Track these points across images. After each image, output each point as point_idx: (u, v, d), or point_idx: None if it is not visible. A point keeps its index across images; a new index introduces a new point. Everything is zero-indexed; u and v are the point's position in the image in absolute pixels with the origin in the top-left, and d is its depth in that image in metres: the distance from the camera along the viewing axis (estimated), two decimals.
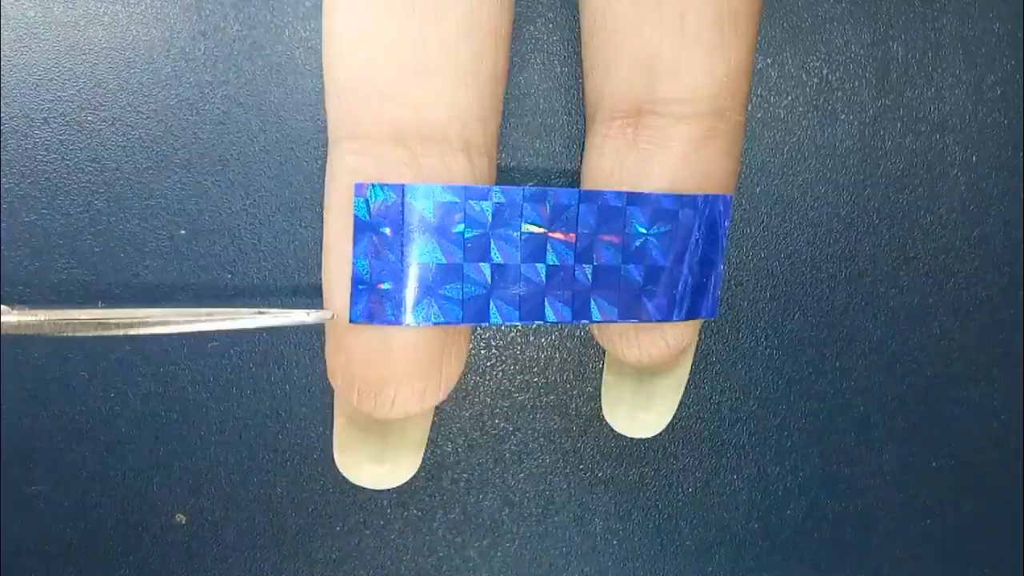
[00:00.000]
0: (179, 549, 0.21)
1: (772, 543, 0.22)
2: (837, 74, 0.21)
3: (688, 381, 0.21)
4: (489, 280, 0.16)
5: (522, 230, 0.16)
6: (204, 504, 0.21)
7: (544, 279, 0.16)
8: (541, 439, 0.21)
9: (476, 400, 0.21)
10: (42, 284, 0.20)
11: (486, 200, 0.16)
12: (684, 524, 0.22)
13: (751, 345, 0.22)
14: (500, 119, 0.18)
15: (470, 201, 0.16)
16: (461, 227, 0.16)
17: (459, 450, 0.21)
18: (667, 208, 0.17)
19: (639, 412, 0.21)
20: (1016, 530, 0.23)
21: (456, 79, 0.16)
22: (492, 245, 0.16)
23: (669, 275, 0.17)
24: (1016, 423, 0.22)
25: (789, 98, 0.21)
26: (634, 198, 0.17)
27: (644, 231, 0.17)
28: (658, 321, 0.17)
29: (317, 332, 0.20)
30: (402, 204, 0.16)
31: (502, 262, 0.16)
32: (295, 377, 0.21)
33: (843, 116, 0.21)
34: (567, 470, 0.22)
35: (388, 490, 0.21)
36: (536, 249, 0.16)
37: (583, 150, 0.19)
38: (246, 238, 0.20)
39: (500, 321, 0.16)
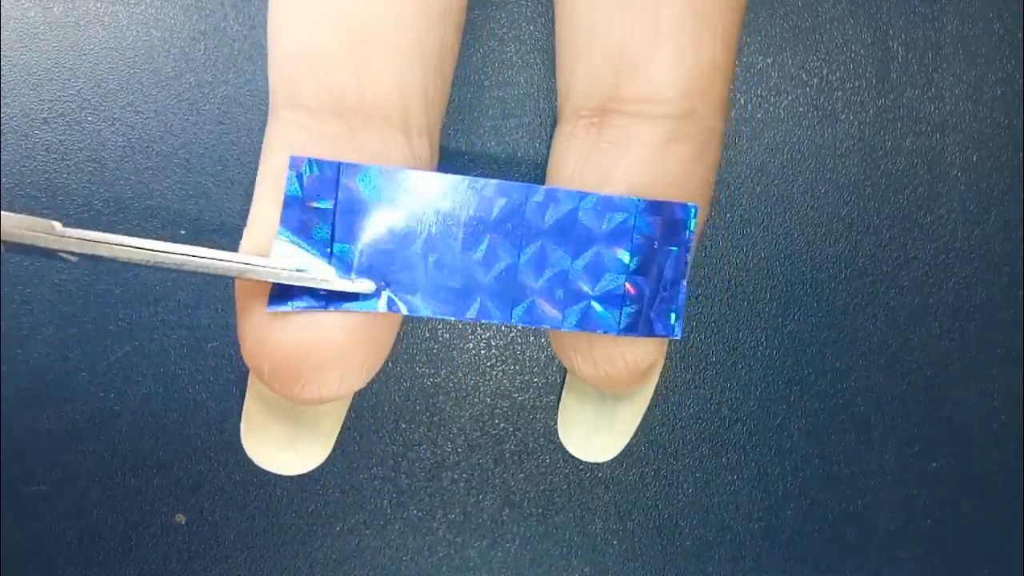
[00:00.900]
0: (179, 549, 0.21)
1: (772, 543, 0.22)
2: (837, 74, 0.21)
3: (688, 381, 0.21)
4: (423, 271, 0.15)
5: (463, 222, 0.15)
6: (204, 504, 0.21)
7: (483, 275, 0.15)
8: (541, 439, 0.21)
9: (476, 400, 0.21)
10: (43, 284, 0.20)
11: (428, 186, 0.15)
12: (684, 524, 0.22)
13: (751, 345, 0.22)
14: (446, 103, 0.17)
15: (409, 189, 0.15)
16: (397, 213, 0.15)
17: (459, 450, 0.21)
18: (619, 211, 0.15)
19: (598, 436, 0.20)
20: (1016, 530, 0.23)
21: (401, 53, 0.15)
22: (429, 234, 0.15)
23: (619, 284, 0.16)
24: (1016, 423, 0.22)
25: (789, 98, 0.21)
26: (585, 198, 0.15)
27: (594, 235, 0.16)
28: (605, 333, 0.16)
29: None
30: (336, 183, 0.15)
31: (438, 253, 0.15)
32: None
33: (843, 116, 0.21)
34: (567, 470, 0.22)
35: (388, 490, 0.21)
36: (476, 243, 0.15)
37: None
38: None
39: (429, 314, 0.15)
